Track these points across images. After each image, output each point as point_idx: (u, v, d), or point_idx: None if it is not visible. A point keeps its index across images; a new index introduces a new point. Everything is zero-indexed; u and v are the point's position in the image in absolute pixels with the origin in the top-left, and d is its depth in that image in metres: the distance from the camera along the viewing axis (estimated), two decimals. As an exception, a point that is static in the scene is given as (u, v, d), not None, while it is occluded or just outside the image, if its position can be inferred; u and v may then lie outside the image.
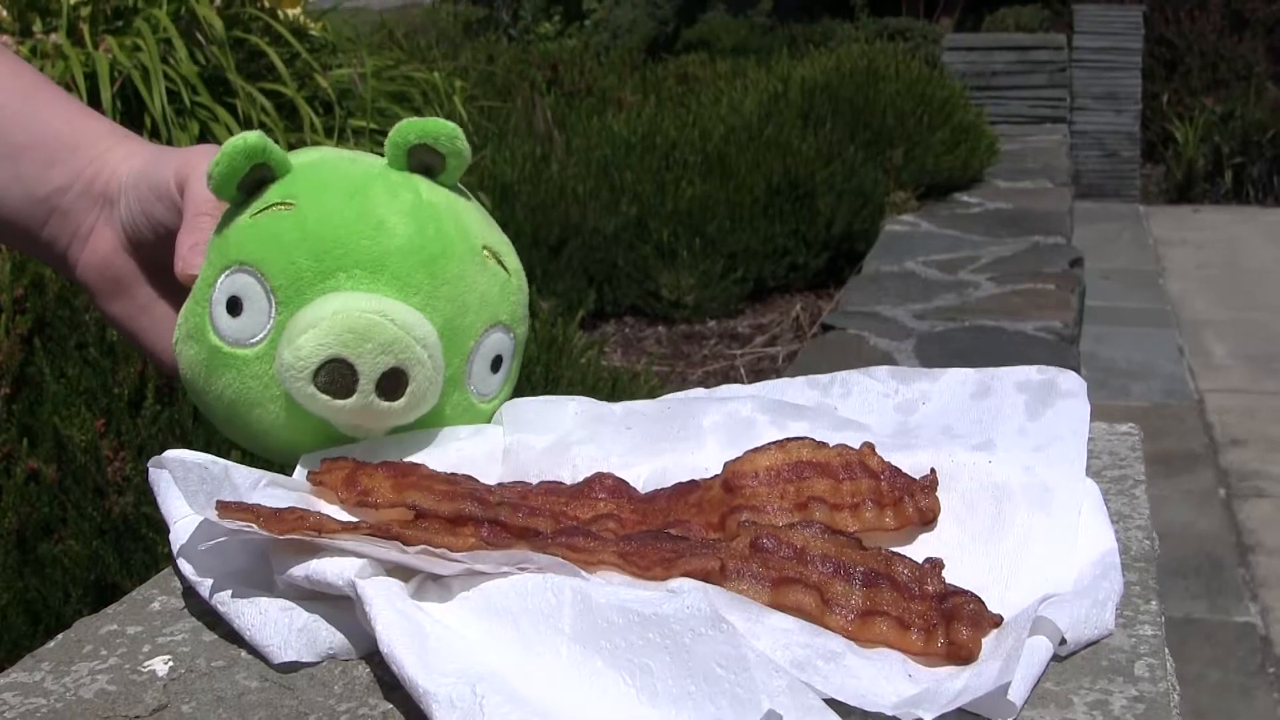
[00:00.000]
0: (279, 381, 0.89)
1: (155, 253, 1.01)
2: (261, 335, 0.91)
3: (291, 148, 1.03)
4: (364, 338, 0.86)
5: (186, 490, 0.79)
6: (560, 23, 11.52)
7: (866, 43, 7.84)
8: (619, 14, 11.33)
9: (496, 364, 0.98)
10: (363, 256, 0.90)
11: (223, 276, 0.92)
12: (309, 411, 0.89)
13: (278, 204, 0.92)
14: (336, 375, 0.86)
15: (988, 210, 5.47)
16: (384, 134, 3.16)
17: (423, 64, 5.16)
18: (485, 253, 0.96)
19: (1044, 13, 10.18)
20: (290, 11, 3.78)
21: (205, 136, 3.21)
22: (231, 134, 3.15)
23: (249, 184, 0.94)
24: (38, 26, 3.30)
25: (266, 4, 3.69)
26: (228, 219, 0.95)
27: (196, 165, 0.96)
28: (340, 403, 0.87)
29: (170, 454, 0.83)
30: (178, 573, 0.84)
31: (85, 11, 3.29)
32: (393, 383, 0.87)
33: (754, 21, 11.00)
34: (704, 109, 5.87)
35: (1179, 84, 9.66)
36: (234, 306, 0.92)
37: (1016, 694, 0.65)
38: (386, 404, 0.88)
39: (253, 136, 0.92)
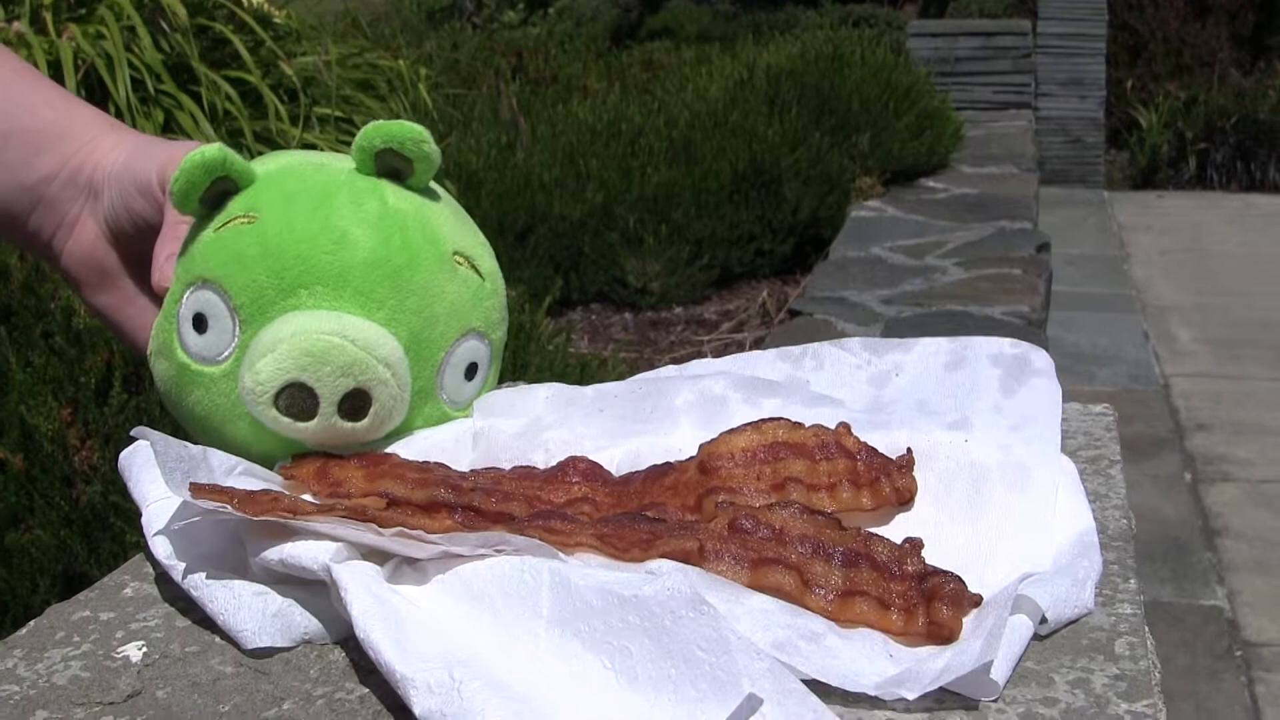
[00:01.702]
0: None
1: (137, 245, 1.00)
2: (227, 353, 0.90)
3: (257, 135, 1.01)
4: (322, 361, 0.85)
5: (164, 467, 0.78)
6: (524, 11, 11.50)
7: (831, 30, 7.84)
8: (583, 2, 11.32)
9: (471, 371, 0.96)
10: (324, 272, 0.88)
11: (188, 293, 0.91)
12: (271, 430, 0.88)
13: (240, 218, 0.91)
14: (296, 399, 0.85)
15: (954, 196, 5.47)
16: (350, 121, 3.15)
17: (387, 52, 5.15)
18: (456, 259, 0.94)
19: (1007, -1, 10.21)
20: (254, -1, 3.77)
21: (169, 124, 3.20)
22: (196, 122, 3.16)
23: (212, 196, 0.92)
24: (0, 15, 3.28)
25: (230, -9, 3.68)
26: (192, 233, 0.93)
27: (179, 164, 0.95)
28: (303, 425, 0.86)
29: (150, 430, 0.82)
30: (149, 556, 0.84)
31: (48, 0, 3.27)
32: (355, 404, 0.86)
33: (717, 9, 11.00)
34: (669, 96, 5.85)
35: (1143, 70, 9.70)
36: (200, 323, 0.90)
37: (999, 673, 0.65)
38: (350, 424, 0.87)
39: (211, 150, 0.90)
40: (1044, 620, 0.69)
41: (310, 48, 4.03)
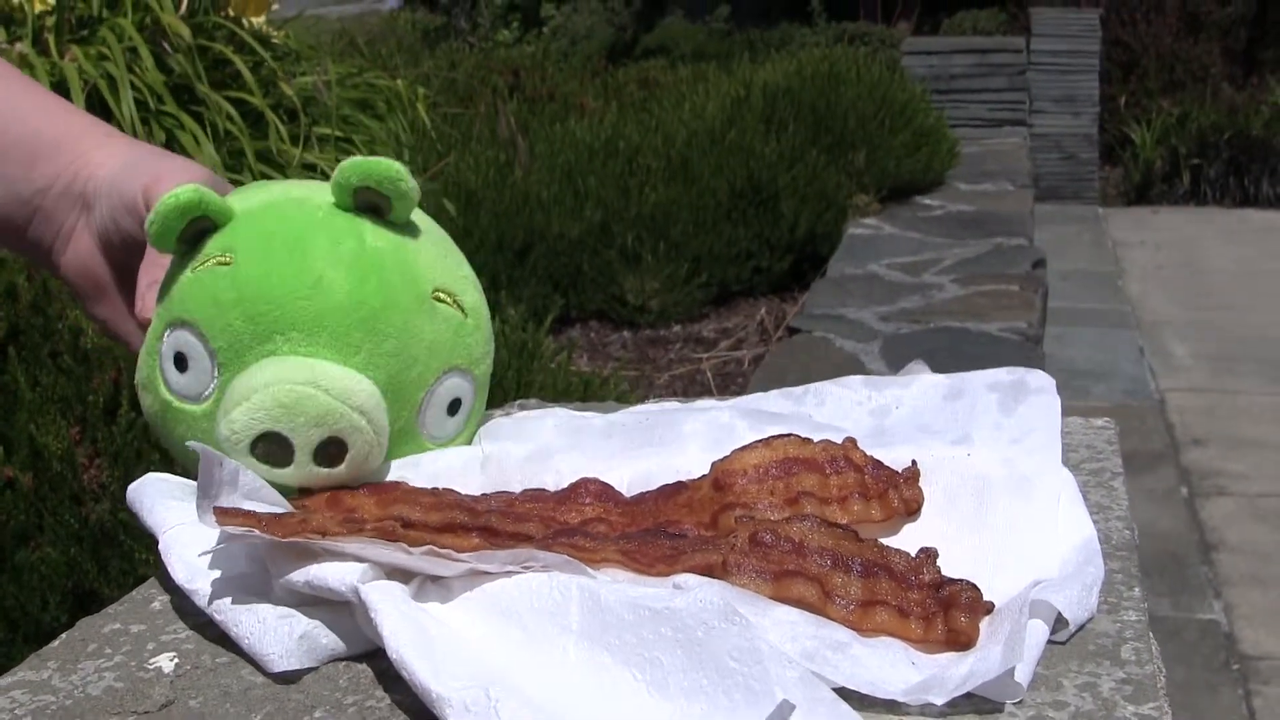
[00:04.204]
0: None
1: (128, 259, 1.00)
2: (208, 393, 0.90)
3: (258, 155, 1.00)
4: (294, 412, 0.85)
5: (202, 485, 0.79)
6: (518, 30, 11.53)
7: (826, 47, 7.87)
8: (577, 20, 11.35)
9: (454, 407, 0.97)
10: (299, 318, 0.88)
11: (168, 331, 0.91)
12: None
13: (216, 258, 0.90)
14: (271, 448, 0.86)
15: (950, 213, 5.49)
16: (349, 141, 3.16)
17: (385, 71, 5.16)
18: (437, 296, 0.94)
19: (1001, 16, 10.23)
20: (254, 20, 3.78)
21: (171, 144, 3.21)
22: (198, 142, 3.17)
23: (191, 234, 0.92)
24: (2, 36, 3.29)
25: (231, 12, 3.69)
26: (172, 272, 0.93)
27: (164, 182, 0.94)
28: (280, 471, 0.87)
29: (196, 444, 0.82)
30: (164, 582, 0.85)
31: (50, 21, 3.29)
32: (331, 452, 0.87)
33: (712, 27, 11.02)
34: (666, 114, 5.87)
35: (1136, 86, 9.72)
36: (180, 362, 0.91)
37: (1022, 676, 0.66)
38: (326, 470, 0.87)
39: (185, 193, 0.89)
40: (1064, 623, 0.72)
41: (309, 68, 4.04)
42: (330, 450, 0.86)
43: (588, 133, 5.42)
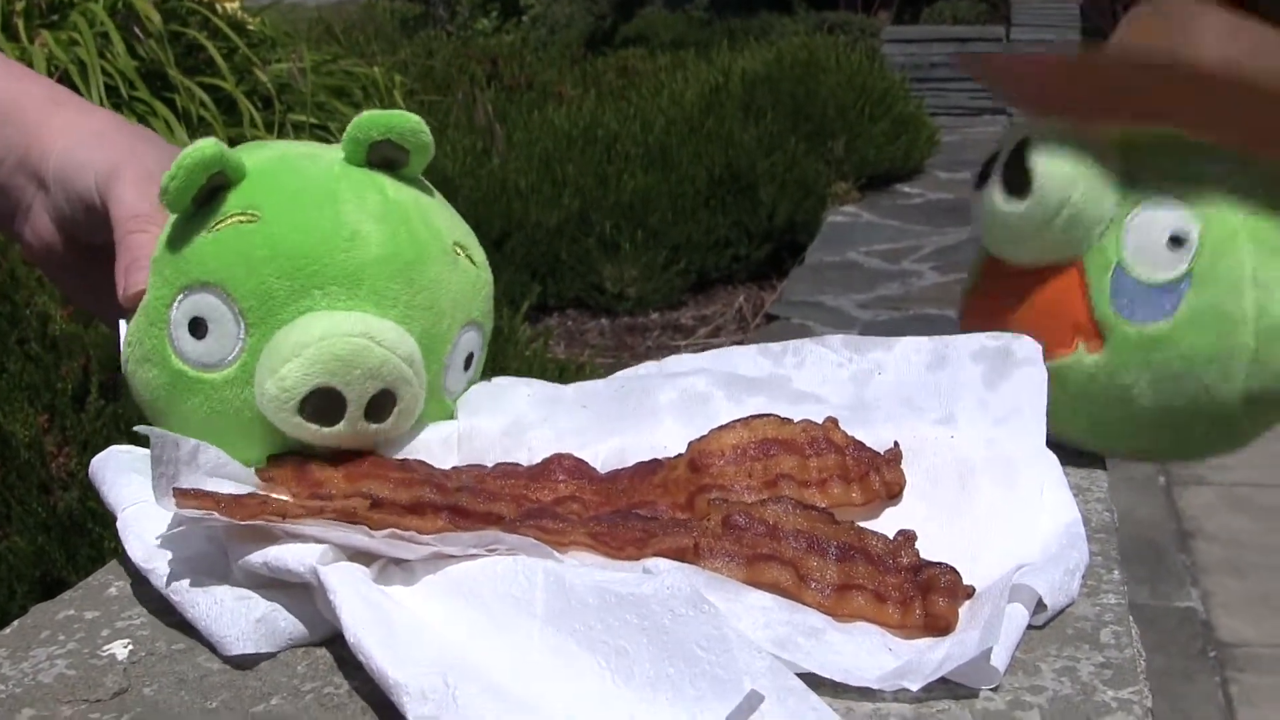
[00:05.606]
0: (258, 408, 0.84)
1: (92, 237, 0.96)
2: (231, 358, 0.86)
3: (232, 143, 0.97)
4: (351, 365, 0.82)
5: (155, 469, 0.76)
6: (498, 18, 11.51)
7: (805, 36, 7.86)
8: (556, 9, 11.33)
9: (468, 362, 0.95)
10: (338, 272, 0.85)
11: (181, 296, 0.87)
12: (290, 436, 0.85)
13: (237, 215, 0.86)
14: (324, 404, 0.83)
15: (929, 200, 5.49)
16: (325, 128, 3.13)
17: (361, 59, 5.14)
18: (456, 250, 0.92)
19: (981, 5, 10.23)
20: (228, 6, 3.76)
21: (144, 131, 3.18)
22: (170, 129, 3.15)
23: (203, 193, 0.87)
24: (-28, 21, 3.27)
25: (205, -2, 3.67)
26: (182, 233, 0.88)
27: (118, 175, 0.91)
28: (328, 430, 0.84)
29: (146, 428, 0.80)
30: (123, 561, 0.83)
31: (20, 6, 3.26)
32: (380, 405, 0.84)
33: (692, 16, 11.01)
34: (645, 101, 5.85)
35: (1115, 75, 9.73)
36: (197, 328, 0.86)
37: (999, 660, 0.65)
38: (374, 426, 0.85)
39: (209, 147, 0.85)
40: (1043, 608, 0.70)
41: (285, 55, 4.01)
42: (380, 403, 0.84)
43: (566, 120, 5.40)
